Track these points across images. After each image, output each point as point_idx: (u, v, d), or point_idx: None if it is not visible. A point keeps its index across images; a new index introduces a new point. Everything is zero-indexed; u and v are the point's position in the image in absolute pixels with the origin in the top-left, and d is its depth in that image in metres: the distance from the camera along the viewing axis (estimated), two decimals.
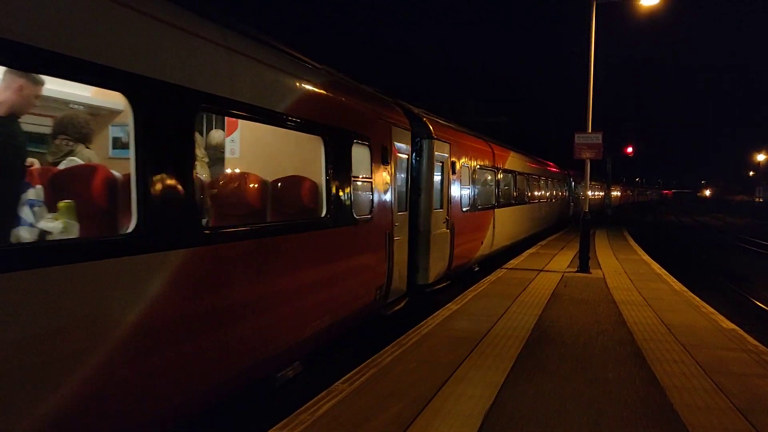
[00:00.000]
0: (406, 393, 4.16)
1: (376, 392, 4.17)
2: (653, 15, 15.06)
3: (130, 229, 2.82)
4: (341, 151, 5.12)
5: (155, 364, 2.96)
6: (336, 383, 4.32)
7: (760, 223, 41.40)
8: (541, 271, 10.90)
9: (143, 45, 2.85)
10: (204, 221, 3.70)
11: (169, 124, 3.04)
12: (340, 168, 5.06)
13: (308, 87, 4.68)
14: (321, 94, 4.94)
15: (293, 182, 4.83)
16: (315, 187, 4.85)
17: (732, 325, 6.48)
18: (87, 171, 3.31)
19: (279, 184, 4.80)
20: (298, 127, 4.49)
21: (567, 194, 26.70)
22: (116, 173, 3.25)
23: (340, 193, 5.05)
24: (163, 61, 2.98)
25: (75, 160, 3.48)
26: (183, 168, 3.12)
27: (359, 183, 5.64)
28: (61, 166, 3.43)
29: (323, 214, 4.80)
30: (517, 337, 5.80)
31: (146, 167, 2.83)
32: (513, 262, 12.23)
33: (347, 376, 4.50)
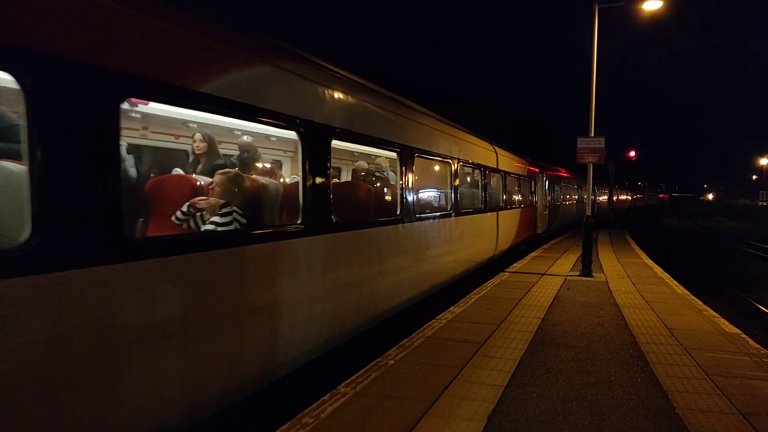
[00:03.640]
0: (410, 396, 4.19)
1: (380, 395, 4.20)
2: (658, 19, 15.11)
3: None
4: None
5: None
6: (339, 386, 4.35)
7: (762, 228, 41.29)
8: (543, 274, 10.91)
9: None
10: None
11: None
12: None
13: None
14: None
15: None
16: None
17: (734, 329, 6.49)
18: None
19: None
20: None
21: (534, 200, 17.52)
22: None
23: None
24: None
25: None
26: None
27: None
28: None
29: None
30: (521, 340, 5.82)
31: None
32: (515, 266, 12.24)
33: (351, 378, 4.53)
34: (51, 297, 2.46)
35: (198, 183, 4.42)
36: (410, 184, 7.06)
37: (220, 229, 4.01)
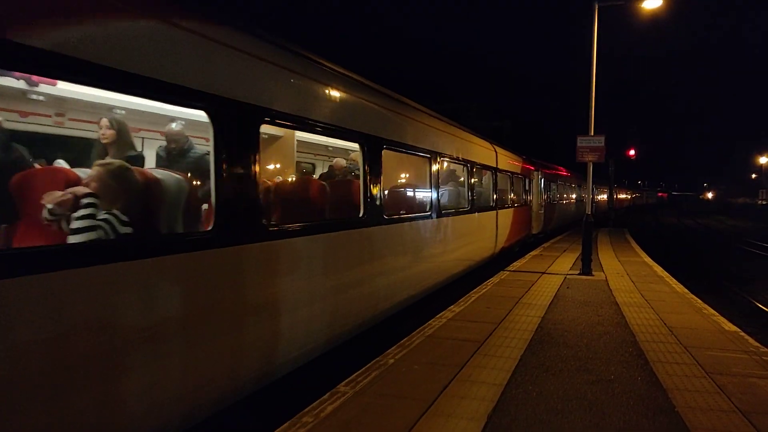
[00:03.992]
0: (410, 395, 4.19)
1: (380, 394, 4.20)
2: (657, 17, 15.11)
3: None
4: None
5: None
6: (339, 385, 4.35)
7: (762, 226, 41.29)
8: (543, 273, 10.91)
9: None
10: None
11: None
12: None
13: None
14: None
15: None
16: None
17: (734, 327, 6.49)
18: None
19: None
20: None
21: (528, 199, 16.79)
22: None
23: None
24: None
25: None
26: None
27: None
28: None
29: None
30: (521, 339, 5.83)
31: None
32: (515, 265, 12.24)
33: (351, 377, 4.53)
34: None
35: (77, 176, 3.58)
36: (378, 182, 5.99)
37: (76, 233, 3.06)
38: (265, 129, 4.13)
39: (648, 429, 3.67)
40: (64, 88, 4.14)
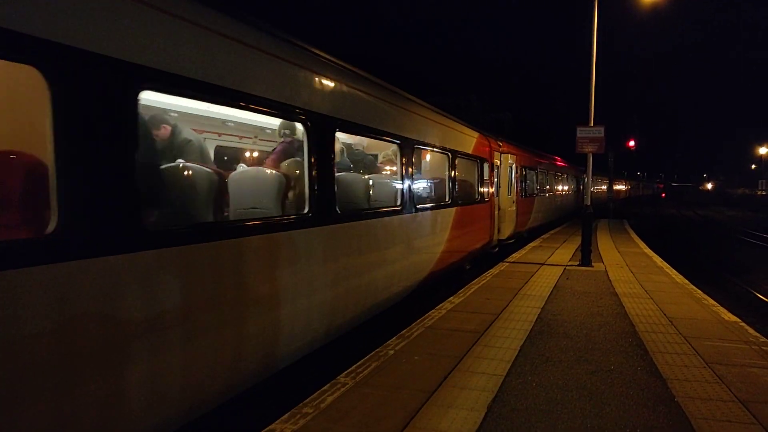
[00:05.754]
0: (410, 385, 4.20)
1: (380, 385, 4.21)
2: (657, 9, 15.05)
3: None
4: None
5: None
6: (339, 376, 4.36)
7: (761, 216, 41.31)
8: (543, 264, 10.92)
9: None
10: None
11: None
12: None
13: None
14: None
15: None
16: None
17: (733, 317, 6.50)
18: None
19: None
20: None
21: (489, 192, 11.98)
22: None
23: None
24: None
25: None
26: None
27: None
28: None
29: None
30: (520, 330, 5.83)
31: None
32: (515, 256, 12.25)
33: (350, 369, 4.54)
34: None
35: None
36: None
37: None
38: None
39: (648, 418, 3.67)
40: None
